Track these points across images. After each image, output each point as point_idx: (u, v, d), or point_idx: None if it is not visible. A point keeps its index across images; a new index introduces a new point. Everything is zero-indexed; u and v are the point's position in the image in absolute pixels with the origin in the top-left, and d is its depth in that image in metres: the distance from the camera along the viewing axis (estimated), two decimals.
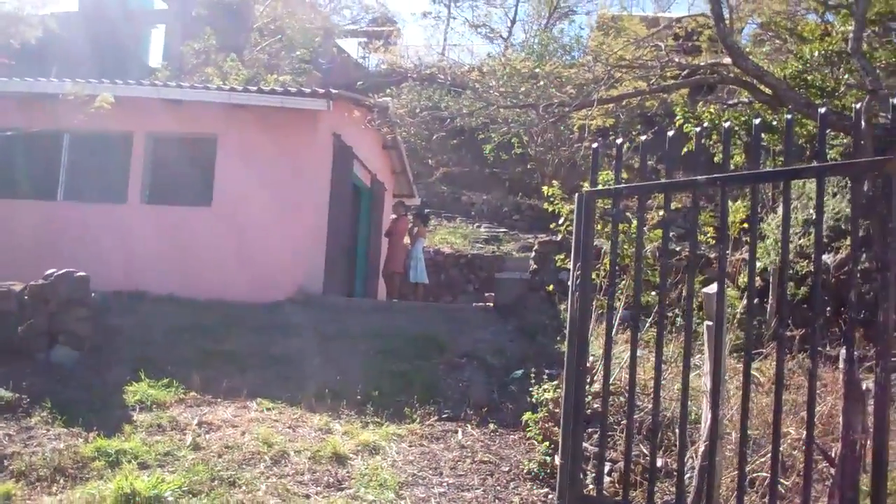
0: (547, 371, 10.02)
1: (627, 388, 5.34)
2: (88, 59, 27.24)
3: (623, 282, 9.65)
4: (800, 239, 12.53)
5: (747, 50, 15.46)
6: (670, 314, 9.44)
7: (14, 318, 10.01)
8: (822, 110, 4.23)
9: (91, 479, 6.93)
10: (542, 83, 14.61)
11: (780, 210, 13.50)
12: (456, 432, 8.74)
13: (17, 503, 6.53)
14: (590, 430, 7.92)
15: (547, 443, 7.99)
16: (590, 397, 8.11)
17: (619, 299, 9.58)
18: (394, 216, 18.83)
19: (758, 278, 9.55)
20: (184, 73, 27.19)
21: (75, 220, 15.12)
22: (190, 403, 9.05)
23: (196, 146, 15.43)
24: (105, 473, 7.02)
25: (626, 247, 9.31)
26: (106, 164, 15.63)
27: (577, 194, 5.12)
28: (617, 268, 9.17)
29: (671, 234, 10.59)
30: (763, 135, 12.82)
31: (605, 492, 5.75)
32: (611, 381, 8.82)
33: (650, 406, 7.92)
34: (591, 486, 6.92)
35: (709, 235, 10.81)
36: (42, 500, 6.56)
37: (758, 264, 8.36)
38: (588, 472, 7.25)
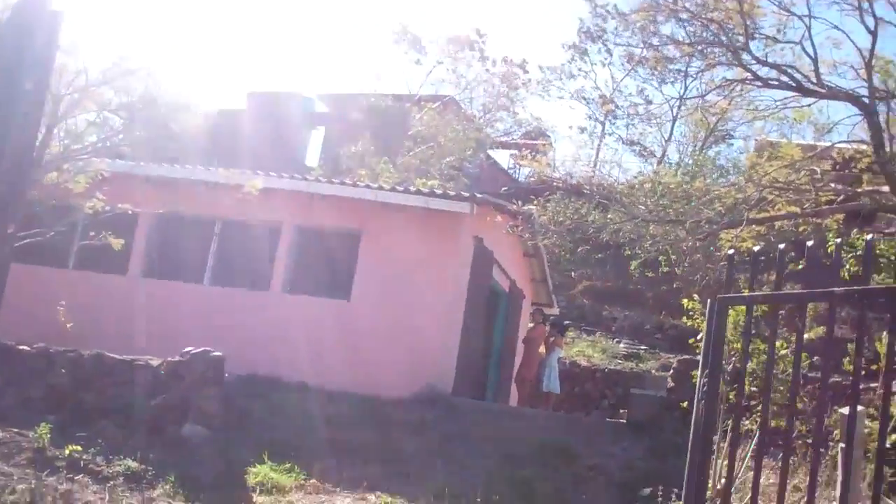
0: (675, 490, 9.66)
1: None
2: (249, 155, 28.29)
3: (758, 403, 9.27)
4: None
5: None
6: (807, 440, 9.01)
7: (149, 391, 10.26)
8: None
9: None
10: (692, 201, 14.42)
11: None
12: None
13: None
14: None
15: None
16: None
17: (755, 422, 9.22)
18: (531, 324, 18.73)
19: None
20: (338, 172, 27.95)
21: (218, 304, 15.53)
22: (309, 490, 9.05)
23: (339, 241, 15.73)
24: None
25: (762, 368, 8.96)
26: (253, 252, 16.06)
27: (709, 300, 4.97)
28: (754, 389, 8.88)
29: (814, 359, 10.20)
30: None
31: None
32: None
33: None
34: None
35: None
36: None
37: None
38: None
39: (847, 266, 11.42)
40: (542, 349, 18.19)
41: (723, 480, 8.51)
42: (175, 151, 15.00)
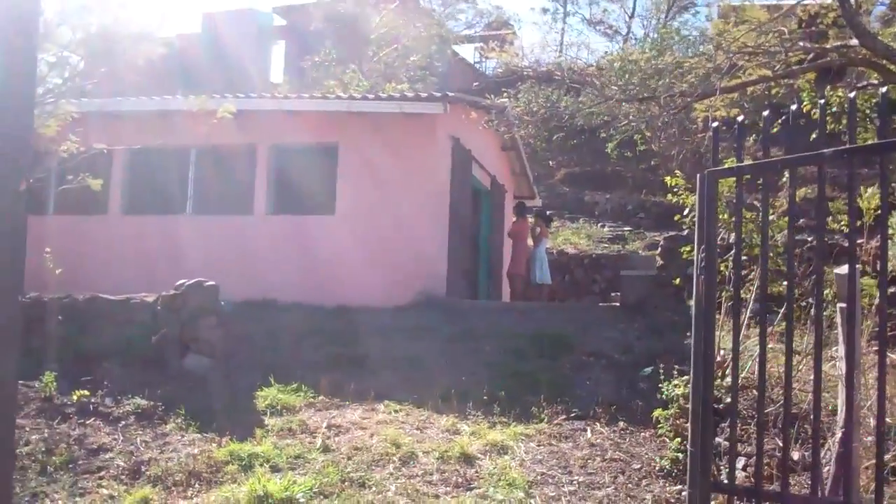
0: (677, 367, 9.77)
1: (758, 380, 5.15)
2: (212, 77, 27.96)
3: (753, 273, 9.35)
4: None
5: (875, 31, 14.89)
6: (801, 304, 9.11)
7: (148, 328, 10.29)
8: None
9: (225, 483, 7.04)
10: (662, 77, 14.32)
11: None
12: (585, 431, 8.60)
13: None
14: (722, 424, 7.69)
15: (679, 439, 7.79)
16: (721, 392, 7.89)
17: (749, 291, 9.31)
18: (514, 218, 18.77)
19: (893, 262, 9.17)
20: (305, 86, 27.66)
21: (203, 233, 15.50)
22: (319, 407, 9.13)
23: (318, 156, 15.65)
24: (238, 477, 7.12)
25: (755, 236, 9.02)
26: (232, 177, 15.98)
27: (698, 175, 4.97)
28: (745, 258, 8.95)
29: (800, 221, 10.26)
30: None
31: (738, 485, 5.55)
32: (742, 375, 8.61)
33: (782, 398, 7.70)
34: (725, 481, 6.73)
35: (842, 223, 10.41)
36: None
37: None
38: (722, 468, 7.05)
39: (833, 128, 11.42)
40: (529, 242, 18.26)
41: (721, 352, 8.66)
42: (139, 84, 14.79)
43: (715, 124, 5.17)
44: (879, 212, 10.57)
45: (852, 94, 4.42)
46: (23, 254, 3.45)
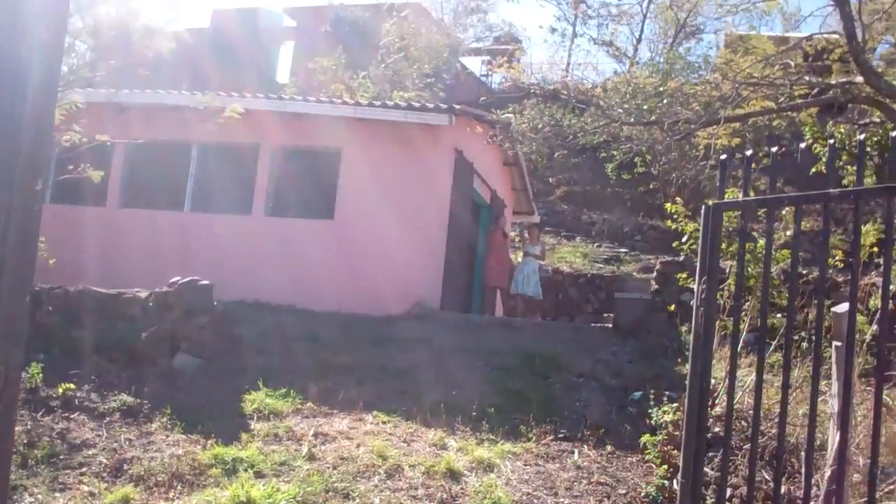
0: (667, 393, 9.78)
1: (749, 412, 5.12)
2: (218, 75, 27.96)
3: (748, 303, 9.35)
4: None
5: (880, 69, 14.93)
6: (796, 337, 9.11)
7: (138, 324, 10.23)
8: None
9: (208, 486, 7.00)
10: (666, 100, 14.34)
11: None
12: (572, 453, 8.57)
13: None
14: (710, 454, 7.68)
15: (666, 466, 7.78)
16: (711, 420, 7.87)
17: (744, 321, 9.30)
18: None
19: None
20: (311, 89, 27.66)
21: (200, 230, 15.46)
22: (306, 414, 9.09)
23: (320, 160, 15.66)
24: (221, 481, 7.08)
25: (752, 267, 9.02)
26: (232, 175, 15.96)
27: (703, 207, 4.95)
28: (741, 290, 8.94)
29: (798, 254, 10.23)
30: None
31: None
32: (733, 405, 8.59)
33: (772, 431, 7.67)
34: None
35: (837, 259, 10.41)
36: None
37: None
38: (708, 497, 7.03)
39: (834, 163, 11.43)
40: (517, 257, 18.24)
41: (712, 381, 8.65)
42: (147, 77, 14.77)
43: (723, 157, 5.15)
44: (875, 249, 10.58)
45: (862, 136, 4.41)
46: (34, 252, 3.43)
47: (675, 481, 6.95)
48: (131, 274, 13.53)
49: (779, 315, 9.04)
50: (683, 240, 10.61)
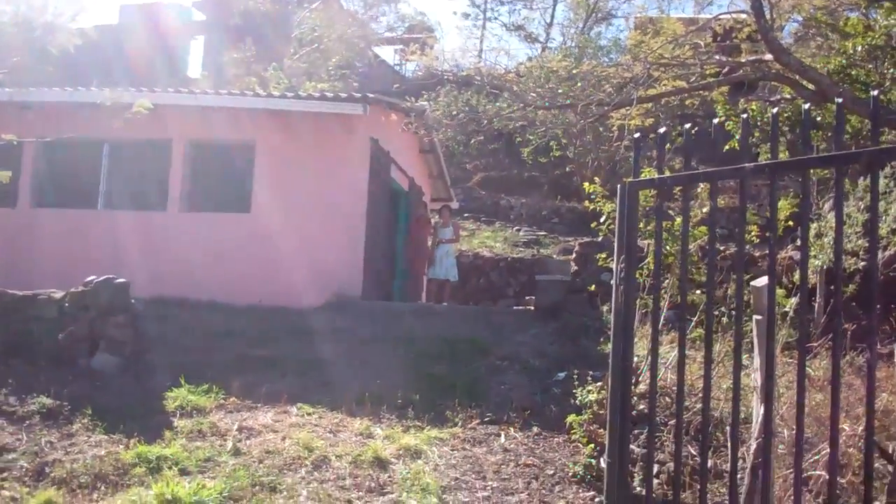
0: (590, 373, 9.86)
1: (673, 388, 5.18)
2: (128, 71, 27.52)
3: (667, 281, 9.46)
4: (858, 240, 12.32)
5: (789, 47, 15.20)
6: (716, 313, 9.24)
7: (55, 325, 10.00)
8: (875, 92, 4.05)
9: (132, 486, 6.87)
10: (579, 84, 14.44)
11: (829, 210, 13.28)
12: (499, 436, 8.61)
13: None
14: (636, 431, 7.76)
15: (592, 445, 7.85)
16: (635, 398, 7.94)
17: (664, 299, 9.41)
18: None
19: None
20: (224, 82, 27.34)
21: (116, 228, 15.17)
22: (230, 409, 8.98)
23: (234, 153, 15.48)
24: (146, 480, 6.95)
25: (670, 245, 9.12)
26: (146, 172, 15.71)
27: (619, 185, 4.98)
28: (660, 268, 9.04)
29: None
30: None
31: (653, 493, 5.59)
32: (657, 381, 8.69)
33: (697, 406, 7.78)
34: (638, 489, 6.78)
35: (753, 234, 10.58)
36: None
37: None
38: (636, 474, 7.11)
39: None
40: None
41: (635, 358, 8.74)
42: (53, 74, 14.45)
43: (637, 135, 5.18)
44: (790, 223, 10.76)
45: (775, 111, 4.45)
46: None
47: (601, 460, 7.01)
48: (46, 274, 13.24)
49: (698, 291, 9.16)
50: (601, 220, 10.69)
